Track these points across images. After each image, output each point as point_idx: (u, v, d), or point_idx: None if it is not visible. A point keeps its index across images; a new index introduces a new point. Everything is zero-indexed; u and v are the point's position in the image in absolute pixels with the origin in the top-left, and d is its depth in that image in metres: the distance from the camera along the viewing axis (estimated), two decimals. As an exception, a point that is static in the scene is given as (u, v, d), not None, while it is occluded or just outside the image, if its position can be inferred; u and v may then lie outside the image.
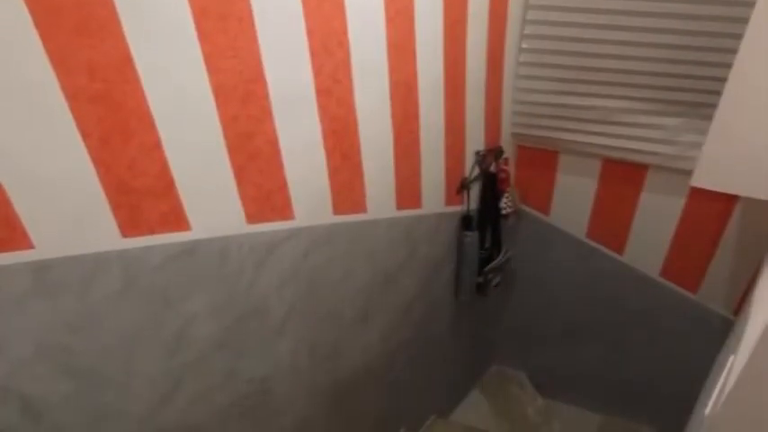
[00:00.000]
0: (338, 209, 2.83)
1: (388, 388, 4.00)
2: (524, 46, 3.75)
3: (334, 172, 2.72)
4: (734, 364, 1.93)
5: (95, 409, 2.08)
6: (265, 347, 2.74)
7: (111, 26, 1.71)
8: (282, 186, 2.47)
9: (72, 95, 1.68)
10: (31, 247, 1.72)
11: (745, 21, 2.44)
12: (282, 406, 3.00)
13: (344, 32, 2.49)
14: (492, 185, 4.04)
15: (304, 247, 2.71)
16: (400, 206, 3.28)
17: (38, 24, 1.56)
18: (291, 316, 2.81)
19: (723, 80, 2.52)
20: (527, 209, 4.52)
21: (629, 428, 5.12)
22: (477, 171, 3.89)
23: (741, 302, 3.97)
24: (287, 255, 2.63)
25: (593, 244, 4.37)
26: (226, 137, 2.15)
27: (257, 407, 2.83)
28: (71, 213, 1.79)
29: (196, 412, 2.50)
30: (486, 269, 4.25)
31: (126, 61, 1.78)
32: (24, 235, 1.69)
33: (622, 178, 3.98)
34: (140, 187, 1.94)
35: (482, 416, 5.25)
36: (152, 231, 2.04)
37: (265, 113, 2.26)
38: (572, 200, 4.29)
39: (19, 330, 1.77)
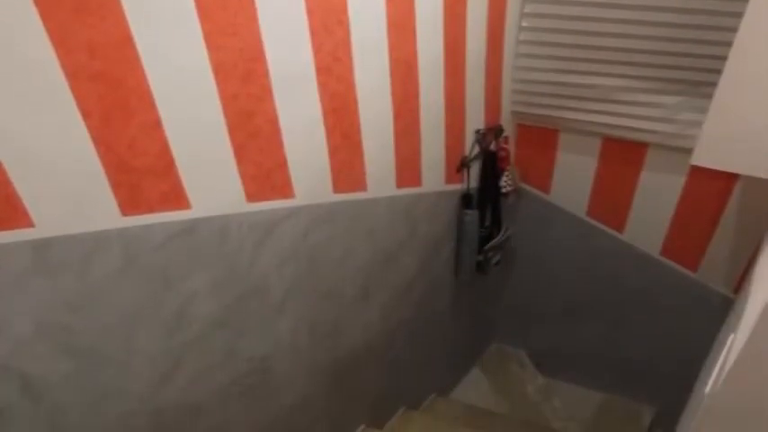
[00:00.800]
0: (338, 187, 2.83)
1: (389, 366, 4.01)
2: (524, 24, 3.74)
3: (334, 150, 2.72)
4: (734, 343, 1.93)
5: (96, 389, 2.08)
6: (265, 326, 2.74)
7: (110, 4, 1.70)
8: (282, 165, 2.47)
9: (72, 74, 1.67)
10: (31, 225, 1.72)
11: (745, -1, 2.43)
12: (282, 384, 3.01)
13: (344, 11, 2.48)
14: (492, 164, 4.04)
15: (304, 226, 2.71)
16: (400, 184, 3.28)
17: (37, 3, 1.55)
18: (291, 294, 2.81)
19: (723, 59, 2.51)
20: (527, 187, 4.52)
21: (629, 407, 5.14)
22: (477, 150, 3.89)
23: (741, 281, 3.97)
24: (287, 233, 2.63)
25: (594, 222, 4.37)
26: (226, 115, 2.15)
27: (257, 385, 2.84)
28: (71, 192, 1.79)
29: (196, 391, 2.50)
30: (486, 248, 4.26)
31: (126, 40, 1.77)
32: (24, 213, 1.69)
33: (622, 157, 3.98)
34: (140, 166, 1.94)
35: (482, 394, 5.27)
36: (152, 210, 2.04)
37: (265, 92, 2.26)
38: (572, 178, 4.29)
39: (19, 309, 1.77)
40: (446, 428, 4.29)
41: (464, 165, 3.81)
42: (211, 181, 2.20)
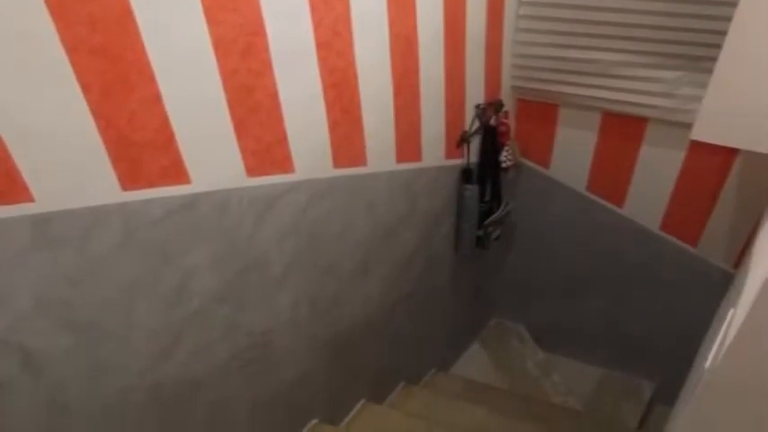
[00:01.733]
0: (338, 162, 2.83)
1: (389, 341, 4.02)
2: (524, -1, 3.74)
3: (334, 125, 2.71)
4: (734, 318, 1.94)
5: (95, 363, 2.09)
6: (265, 300, 2.75)
7: (109, -22, 1.71)
8: (282, 140, 2.47)
9: (72, 48, 1.67)
10: (31, 200, 1.72)
11: (746, -27, 2.43)
12: (282, 359, 3.01)
13: (344, -15, 2.48)
14: (492, 139, 4.04)
15: (304, 201, 2.71)
16: (400, 159, 3.28)
17: (36, -24, 1.55)
18: (291, 269, 2.81)
19: (723, 33, 2.50)
20: (527, 162, 4.52)
21: (629, 382, 5.15)
22: (477, 124, 3.89)
23: (741, 256, 3.98)
24: (287, 208, 2.64)
25: (593, 197, 4.37)
26: (226, 90, 2.14)
27: (257, 360, 2.84)
28: (71, 166, 1.79)
29: (196, 365, 2.51)
30: (486, 222, 4.26)
31: (126, 14, 1.77)
32: (24, 188, 1.69)
33: (622, 132, 3.98)
34: (140, 140, 1.94)
35: (482, 369, 5.28)
36: (152, 184, 2.04)
37: (265, 67, 2.26)
38: (572, 153, 4.29)
39: (19, 284, 1.77)
40: (446, 403, 4.31)
41: (464, 140, 3.81)
42: (211, 156, 2.20)
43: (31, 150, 1.67)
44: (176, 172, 2.10)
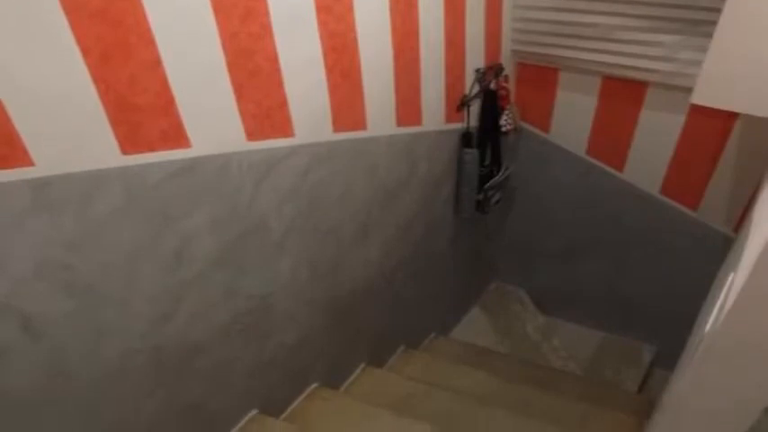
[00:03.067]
0: (338, 126, 2.83)
1: (389, 305, 4.03)
2: (525, -39, 3.72)
3: (334, 89, 2.71)
4: (733, 282, 1.94)
5: (95, 327, 2.10)
6: (266, 264, 2.75)
7: (109, -59, 1.70)
8: (283, 104, 2.46)
9: (72, 11, 1.67)
10: (31, 164, 1.72)
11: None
12: (283, 322, 3.02)
13: (344, -53, 2.48)
14: (492, 103, 4.03)
15: (304, 165, 2.71)
16: (401, 123, 3.27)
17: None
18: (292, 233, 2.82)
19: (724, -4, 2.50)
20: (527, 126, 4.52)
21: (629, 346, 5.17)
22: (477, 88, 3.88)
23: (741, 220, 3.98)
24: (287, 172, 2.64)
25: (594, 161, 4.37)
26: (226, 54, 2.14)
27: (258, 323, 2.85)
28: (72, 130, 1.79)
29: (196, 329, 2.52)
30: (486, 186, 4.26)
31: (125, -23, 1.77)
32: (24, 152, 1.69)
33: (623, 96, 3.97)
34: (141, 104, 1.94)
35: (482, 332, 5.30)
36: (152, 148, 2.04)
37: (265, 31, 2.25)
38: (572, 117, 4.29)
39: (19, 248, 1.78)
40: (446, 367, 4.32)
41: (464, 104, 3.80)
42: (212, 119, 2.20)
43: (31, 114, 1.67)
44: (176, 136, 2.09)
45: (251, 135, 2.37)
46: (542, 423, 3.52)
